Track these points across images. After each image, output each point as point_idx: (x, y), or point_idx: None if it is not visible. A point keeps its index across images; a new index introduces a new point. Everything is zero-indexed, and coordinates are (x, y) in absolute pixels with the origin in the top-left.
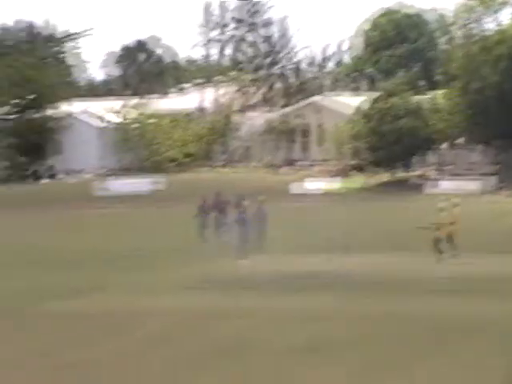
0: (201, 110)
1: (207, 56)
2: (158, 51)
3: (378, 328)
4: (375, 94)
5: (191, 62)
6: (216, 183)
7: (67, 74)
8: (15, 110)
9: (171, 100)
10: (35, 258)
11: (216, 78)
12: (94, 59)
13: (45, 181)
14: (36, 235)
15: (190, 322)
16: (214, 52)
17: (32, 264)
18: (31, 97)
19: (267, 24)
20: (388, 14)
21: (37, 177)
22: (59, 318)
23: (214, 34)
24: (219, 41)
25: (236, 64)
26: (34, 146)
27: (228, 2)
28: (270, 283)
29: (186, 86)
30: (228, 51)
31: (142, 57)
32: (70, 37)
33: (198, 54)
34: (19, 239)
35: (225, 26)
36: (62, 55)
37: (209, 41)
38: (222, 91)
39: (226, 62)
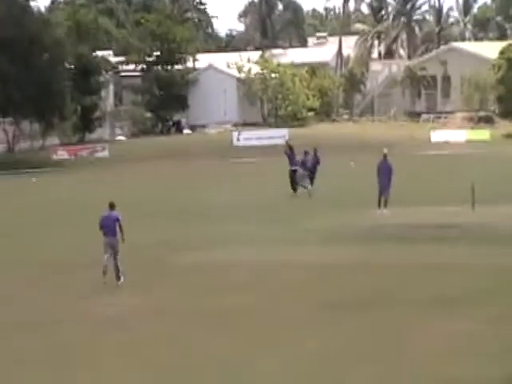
0: (339, 59)
1: (345, 5)
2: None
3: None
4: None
5: (328, 11)
6: (358, 136)
7: (204, 27)
8: (155, 62)
9: (308, 50)
10: (172, 209)
11: (355, 26)
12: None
13: (187, 131)
14: (176, 187)
15: (326, 274)
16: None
17: (169, 215)
18: (172, 47)
19: None
20: None
21: (179, 128)
22: (194, 268)
23: None
24: None
25: (376, 11)
26: (175, 97)
27: None
28: (405, 233)
29: (322, 34)
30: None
31: (278, 7)
32: None
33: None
34: (161, 190)
35: None
36: (202, 7)
37: None
38: (360, 40)
39: (365, 9)
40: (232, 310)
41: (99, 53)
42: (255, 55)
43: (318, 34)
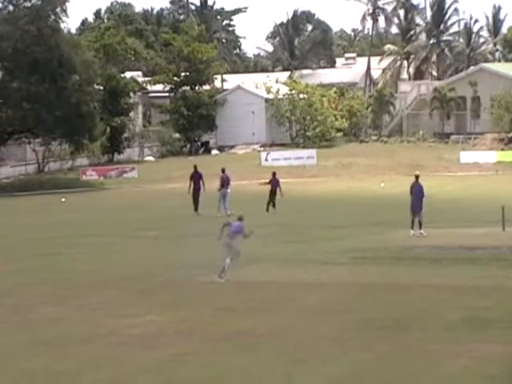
0: (368, 79)
1: (374, 26)
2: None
3: None
4: None
5: (356, 32)
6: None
7: (232, 47)
8: (183, 82)
9: (337, 71)
10: (203, 228)
11: (386, 47)
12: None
13: (215, 152)
14: (206, 206)
15: (357, 293)
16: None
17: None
18: (199, 68)
19: None
20: None
21: (207, 149)
22: (224, 287)
23: (381, 2)
24: (384, 10)
25: (405, 32)
26: (203, 118)
27: None
28: (435, 254)
29: (351, 55)
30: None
31: (307, 28)
32: (238, 10)
33: (363, 25)
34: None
35: None
36: (231, 28)
37: (379, 10)
38: (389, 60)
39: (394, 30)
40: (262, 329)
41: (128, 74)
42: (283, 76)
43: (347, 55)
